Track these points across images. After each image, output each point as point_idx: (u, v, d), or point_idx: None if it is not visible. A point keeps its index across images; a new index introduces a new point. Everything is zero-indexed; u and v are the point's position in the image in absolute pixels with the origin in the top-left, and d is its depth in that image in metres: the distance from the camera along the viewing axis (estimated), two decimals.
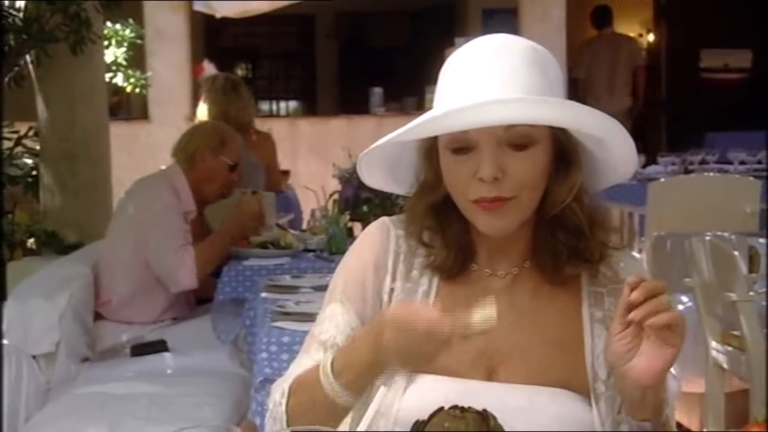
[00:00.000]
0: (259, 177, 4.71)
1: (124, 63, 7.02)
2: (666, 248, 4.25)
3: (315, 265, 3.66)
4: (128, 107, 9.13)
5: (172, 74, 8.54)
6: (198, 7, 7.51)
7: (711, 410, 3.21)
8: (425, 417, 1.29)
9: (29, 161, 5.12)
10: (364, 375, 1.41)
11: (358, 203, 3.90)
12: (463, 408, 1.28)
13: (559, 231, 1.47)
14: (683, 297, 3.58)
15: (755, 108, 8.11)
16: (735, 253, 3.01)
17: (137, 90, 7.25)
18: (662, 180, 5.42)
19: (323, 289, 1.61)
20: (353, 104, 9.71)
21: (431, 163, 1.48)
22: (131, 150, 7.81)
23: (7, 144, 4.94)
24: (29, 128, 5.05)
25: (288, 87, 12.74)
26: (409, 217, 1.55)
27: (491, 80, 1.39)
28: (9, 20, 4.59)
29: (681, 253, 3.49)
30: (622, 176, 1.52)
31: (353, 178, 3.98)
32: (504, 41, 1.45)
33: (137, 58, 7.54)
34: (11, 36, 4.61)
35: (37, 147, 5.01)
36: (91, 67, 4.97)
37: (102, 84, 5.26)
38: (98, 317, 3.70)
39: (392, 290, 1.53)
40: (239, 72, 11.86)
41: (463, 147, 1.42)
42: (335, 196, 4.10)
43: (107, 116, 5.25)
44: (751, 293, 2.96)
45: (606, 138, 1.42)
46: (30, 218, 5.05)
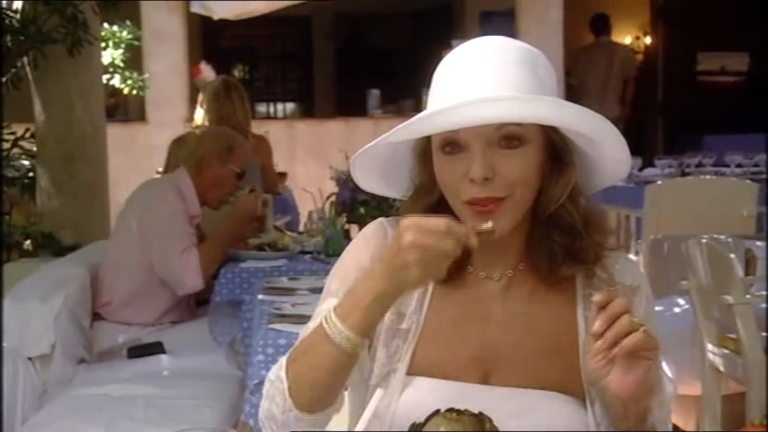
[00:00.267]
0: (256, 179, 4.71)
1: (122, 64, 7.03)
2: (663, 251, 4.26)
3: (312, 267, 3.67)
4: (125, 109, 9.12)
5: (170, 76, 8.53)
6: (195, 9, 7.51)
7: (708, 413, 3.22)
8: (422, 419, 1.29)
9: (26, 163, 5.13)
10: (373, 311, 1.35)
11: (355, 205, 3.90)
12: (460, 410, 1.28)
13: (554, 231, 1.47)
14: (680, 299, 3.58)
15: (752, 111, 8.12)
16: (732, 256, 3.01)
17: (134, 91, 7.26)
18: (659, 183, 5.42)
19: (320, 292, 1.60)
20: (351, 106, 9.70)
21: (425, 166, 1.48)
22: (128, 151, 7.80)
23: (4, 145, 4.95)
24: (26, 130, 5.05)
25: (285, 89, 12.72)
26: None
27: (481, 81, 1.39)
28: (6, 22, 4.60)
29: (678, 256, 3.49)
30: (616, 177, 1.52)
31: (350, 181, 3.96)
32: (495, 43, 1.45)
33: (134, 60, 7.55)
34: (8, 37, 4.61)
35: (34, 148, 5.01)
36: (89, 69, 4.97)
37: (99, 85, 5.26)
38: (98, 318, 3.70)
39: None
40: (236, 74, 11.85)
41: (455, 148, 1.42)
42: (332, 199, 4.10)
43: (104, 118, 5.25)
44: (748, 296, 2.96)
45: (597, 137, 1.42)
46: (27, 220, 5.05)
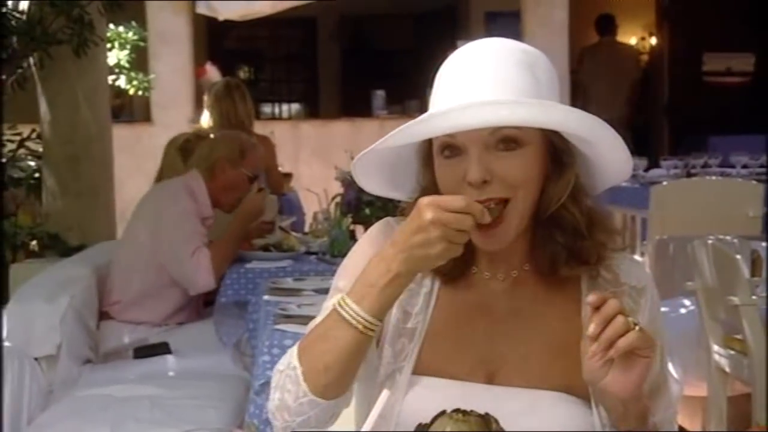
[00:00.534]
0: (260, 180, 4.71)
1: (127, 65, 7.04)
2: (668, 252, 4.26)
3: (317, 268, 3.67)
4: (131, 109, 9.14)
5: (175, 77, 8.55)
6: (201, 10, 7.52)
7: (713, 414, 3.21)
8: (427, 420, 1.29)
9: (32, 163, 5.13)
10: (390, 292, 1.36)
11: (361, 206, 3.90)
12: (465, 411, 1.28)
13: (557, 232, 1.47)
14: (685, 300, 3.58)
15: (758, 111, 8.10)
16: (737, 257, 3.01)
17: (140, 92, 7.27)
18: (665, 183, 5.41)
19: (325, 292, 1.60)
20: (356, 107, 9.71)
21: (429, 168, 1.48)
22: (134, 152, 7.80)
23: (10, 146, 4.96)
24: (32, 130, 5.06)
25: (290, 90, 12.73)
26: None
27: (478, 84, 1.39)
28: (12, 23, 4.60)
29: (683, 257, 3.49)
30: (619, 177, 1.51)
31: (355, 182, 3.98)
32: (493, 45, 1.45)
33: (140, 61, 7.55)
34: (14, 38, 4.62)
35: (40, 149, 5.02)
36: (94, 70, 4.98)
37: (105, 86, 5.27)
38: (105, 317, 3.71)
39: None
40: (242, 75, 11.86)
41: (453, 151, 1.42)
42: (337, 199, 4.10)
43: (110, 118, 5.26)
44: (754, 297, 2.96)
45: (594, 140, 1.42)
46: (32, 220, 5.06)
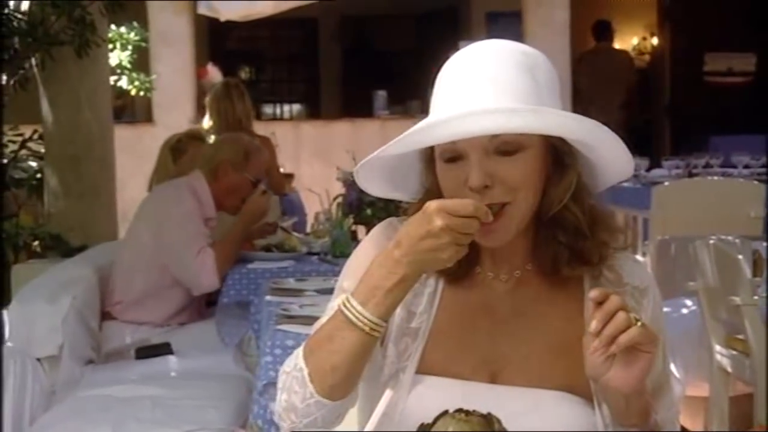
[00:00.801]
0: (263, 182, 4.71)
1: (129, 66, 7.05)
2: (670, 252, 4.25)
3: (319, 269, 3.67)
4: (133, 110, 9.14)
5: (177, 77, 8.55)
6: (202, 10, 7.52)
7: (715, 414, 3.21)
8: (430, 420, 1.29)
9: (34, 164, 5.13)
10: (396, 294, 1.36)
11: (362, 206, 3.90)
12: (468, 411, 1.28)
13: (559, 232, 1.47)
14: (687, 301, 3.58)
15: (759, 111, 8.09)
16: (739, 257, 3.01)
17: (141, 93, 7.28)
18: (666, 184, 5.41)
19: (327, 293, 1.60)
20: (357, 107, 9.71)
21: (432, 171, 1.49)
22: (135, 153, 7.80)
23: (12, 147, 4.95)
24: (34, 131, 5.06)
25: (292, 90, 12.73)
26: None
27: (478, 89, 1.40)
28: (14, 23, 4.60)
29: (685, 257, 3.49)
30: (620, 176, 1.51)
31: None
32: (492, 48, 1.45)
33: (141, 61, 7.56)
34: (16, 39, 4.62)
35: (42, 150, 5.02)
36: (96, 70, 4.98)
37: (106, 87, 5.27)
38: (108, 317, 3.72)
39: None
40: (243, 75, 11.86)
41: (454, 156, 1.43)
42: (339, 200, 4.10)
43: (112, 119, 5.26)
44: (755, 297, 2.96)
45: (594, 143, 1.42)
46: (34, 221, 5.06)
